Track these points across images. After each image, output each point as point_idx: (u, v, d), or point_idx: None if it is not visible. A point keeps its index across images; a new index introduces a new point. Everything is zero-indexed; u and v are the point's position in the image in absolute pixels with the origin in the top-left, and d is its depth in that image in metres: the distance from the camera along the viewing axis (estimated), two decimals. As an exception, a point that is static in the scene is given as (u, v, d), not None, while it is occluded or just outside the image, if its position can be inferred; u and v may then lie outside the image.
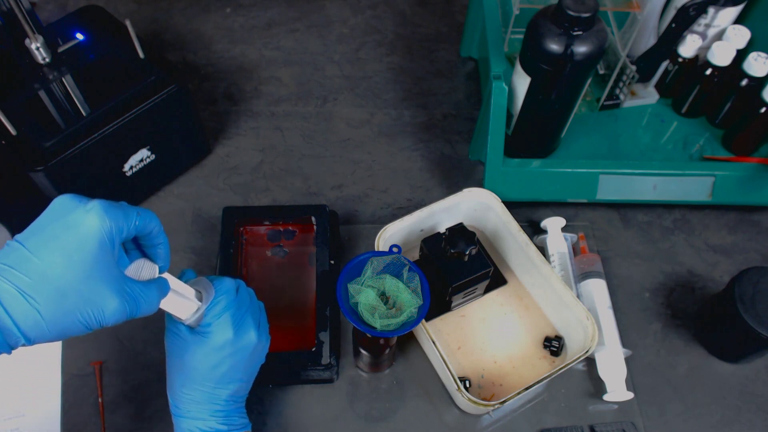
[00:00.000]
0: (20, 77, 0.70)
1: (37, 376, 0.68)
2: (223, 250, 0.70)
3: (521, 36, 0.70)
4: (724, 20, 0.77)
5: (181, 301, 0.49)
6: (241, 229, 0.74)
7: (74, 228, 0.39)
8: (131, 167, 0.75)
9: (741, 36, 0.77)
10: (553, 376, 0.61)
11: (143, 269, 0.46)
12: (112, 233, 0.40)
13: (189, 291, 0.51)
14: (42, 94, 0.70)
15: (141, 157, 0.75)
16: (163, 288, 0.46)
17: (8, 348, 0.39)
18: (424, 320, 0.60)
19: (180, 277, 0.52)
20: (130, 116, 0.69)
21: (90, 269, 0.39)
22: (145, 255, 0.48)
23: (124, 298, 0.41)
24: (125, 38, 0.73)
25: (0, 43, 0.69)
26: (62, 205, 0.41)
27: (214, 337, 0.51)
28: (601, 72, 0.86)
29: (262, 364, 0.57)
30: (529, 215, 0.81)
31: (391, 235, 0.69)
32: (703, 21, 0.78)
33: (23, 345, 0.39)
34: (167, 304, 0.48)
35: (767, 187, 0.77)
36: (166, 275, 0.48)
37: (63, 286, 0.38)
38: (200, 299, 0.52)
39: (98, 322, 0.40)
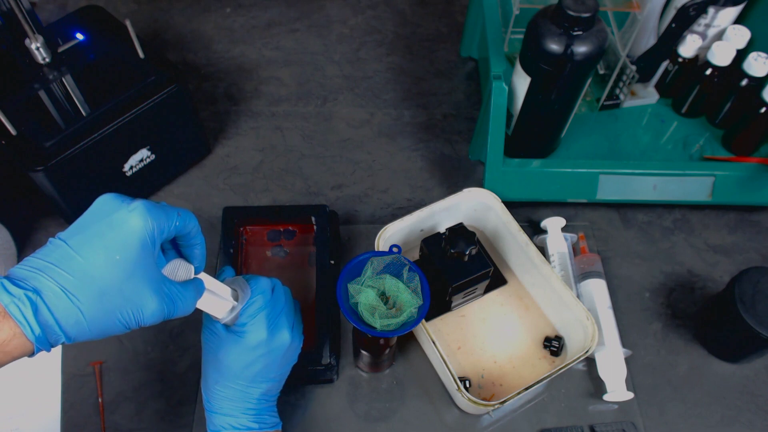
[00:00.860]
0: (20, 77, 0.70)
1: (37, 375, 0.68)
2: (223, 250, 0.70)
3: (521, 36, 0.70)
4: (724, 20, 0.77)
5: (217, 300, 0.50)
6: (241, 229, 0.74)
7: (118, 228, 0.39)
8: (131, 167, 0.75)
9: (741, 36, 0.77)
10: (553, 376, 0.61)
11: (179, 269, 0.46)
12: (154, 234, 0.40)
13: (225, 290, 0.51)
14: (42, 94, 0.70)
15: (141, 157, 0.75)
16: (199, 288, 0.46)
17: (48, 346, 0.38)
18: (424, 320, 0.60)
19: (218, 276, 0.52)
20: (130, 116, 0.69)
21: (132, 269, 0.39)
22: (180, 255, 0.47)
23: (162, 299, 0.41)
24: (125, 38, 0.73)
25: (0, 43, 0.69)
26: (105, 204, 0.40)
27: (248, 337, 0.51)
28: (601, 72, 0.86)
29: (294, 363, 0.57)
30: (529, 215, 0.81)
31: (391, 235, 0.69)
32: (703, 21, 0.78)
33: (63, 343, 0.39)
34: (203, 304, 0.48)
35: (767, 187, 0.77)
36: (203, 275, 0.48)
37: (105, 285, 0.38)
38: (236, 298, 0.51)
39: (137, 322, 0.40)
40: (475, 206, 0.74)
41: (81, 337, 0.39)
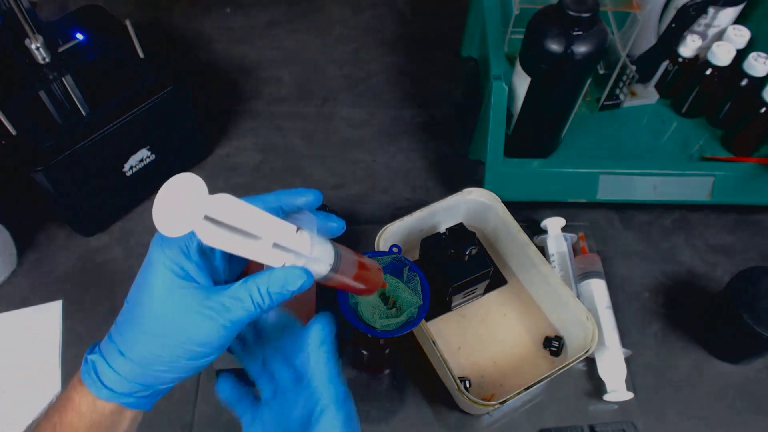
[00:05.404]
0: (20, 77, 0.70)
1: (37, 376, 0.68)
2: (223, 250, 0.70)
3: (521, 36, 0.70)
4: (724, 20, 0.77)
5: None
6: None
7: (143, 274, 0.37)
8: (131, 167, 0.75)
9: (741, 36, 0.77)
10: (553, 376, 0.61)
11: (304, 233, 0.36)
12: (174, 262, 0.35)
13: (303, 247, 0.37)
14: (42, 94, 0.69)
15: (141, 157, 0.75)
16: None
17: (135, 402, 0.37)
18: (424, 320, 0.60)
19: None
20: (130, 116, 0.69)
21: (164, 305, 0.35)
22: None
23: (206, 315, 0.35)
24: (125, 38, 0.72)
25: (0, 43, 0.69)
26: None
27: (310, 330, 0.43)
28: (601, 72, 0.86)
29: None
30: (529, 215, 0.81)
31: (391, 235, 0.69)
32: (703, 21, 0.78)
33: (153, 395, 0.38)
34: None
35: (767, 187, 0.77)
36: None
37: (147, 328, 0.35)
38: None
39: (200, 355, 0.36)
40: (475, 206, 0.74)
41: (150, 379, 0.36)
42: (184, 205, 0.31)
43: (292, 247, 0.35)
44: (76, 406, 0.37)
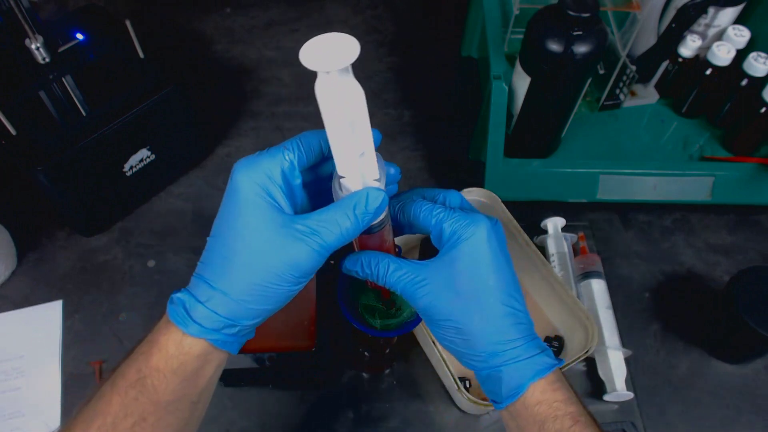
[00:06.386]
0: (20, 77, 0.70)
1: (37, 375, 0.68)
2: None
3: (521, 36, 0.70)
4: (724, 20, 0.77)
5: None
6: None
7: (227, 198, 0.37)
8: (131, 167, 0.75)
9: (741, 36, 0.77)
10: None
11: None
12: (260, 187, 0.35)
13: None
14: (42, 94, 0.69)
15: (141, 157, 0.75)
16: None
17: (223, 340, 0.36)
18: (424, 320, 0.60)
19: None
20: (130, 116, 0.69)
21: (255, 231, 0.35)
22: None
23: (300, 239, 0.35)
24: (125, 38, 0.72)
25: (0, 43, 0.69)
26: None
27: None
28: (601, 72, 0.86)
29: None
30: (529, 215, 0.80)
31: (391, 235, 0.69)
32: (703, 21, 0.78)
33: (239, 331, 0.37)
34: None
35: (767, 187, 0.77)
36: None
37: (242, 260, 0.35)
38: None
39: (300, 271, 0.36)
40: (475, 206, 0.74)
41: (243, 314, 0.36)
42: (340, 47, 0.33)
43: (372, 165, 0.37)
44: (163, 347, 0.36)
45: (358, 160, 0.36)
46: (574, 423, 0.38)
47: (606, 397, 0.65)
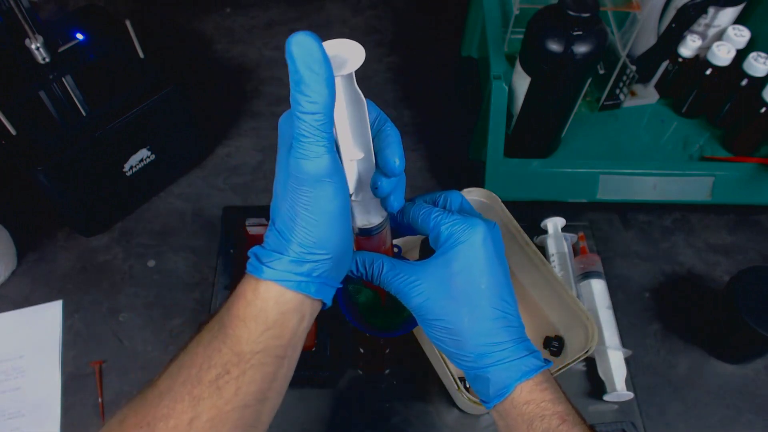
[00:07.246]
0: (20, 77, 0.70)
1: (37, 375, 0.68)
2: (223, 250, 0.70)
3: (521, 36, 0.70)
4: (724, 20, 0.77)
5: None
6: (242, 229, 0.74)
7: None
8: (131, 167, 0.75)
9: (741, 36, 0.77)
10: (553, 376, 0.61)
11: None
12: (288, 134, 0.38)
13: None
14: (42, 94, 0.70)
15: (141, 157, 0.75)
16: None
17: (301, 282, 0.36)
18: (424, 320, 0.60)
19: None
20: (130, 116, 0.69)
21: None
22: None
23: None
24: (125, 38, 0.72)
25: (0, 43, 0.69)
26: None
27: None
28: (601, 72, 0.86)
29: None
30: (529, 215, 0.81)
31: (391, 235, 0.69)
32: (703, 21, 0.78)
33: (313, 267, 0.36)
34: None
35: (767, 187, 0.77)
36: None
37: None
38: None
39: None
40: (475, 206, 0.74)
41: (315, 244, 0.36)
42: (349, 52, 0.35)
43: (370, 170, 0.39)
44: (241, 295, 0.36)
45: (351, 164, 0.37)
46: (562, 422, 0.39)
47: (606, 397, 0.65)
